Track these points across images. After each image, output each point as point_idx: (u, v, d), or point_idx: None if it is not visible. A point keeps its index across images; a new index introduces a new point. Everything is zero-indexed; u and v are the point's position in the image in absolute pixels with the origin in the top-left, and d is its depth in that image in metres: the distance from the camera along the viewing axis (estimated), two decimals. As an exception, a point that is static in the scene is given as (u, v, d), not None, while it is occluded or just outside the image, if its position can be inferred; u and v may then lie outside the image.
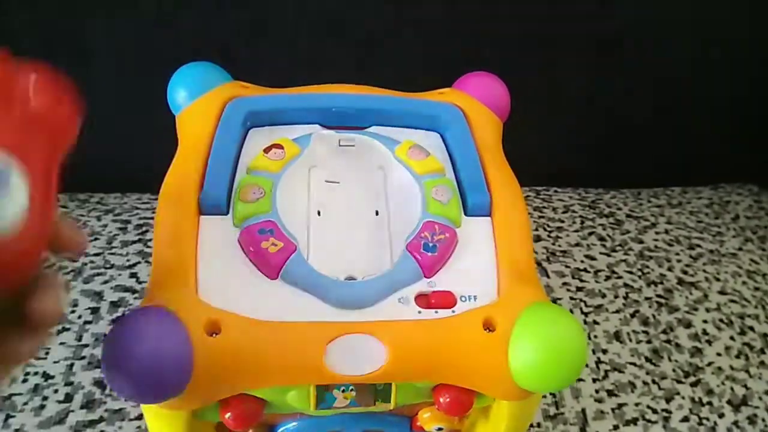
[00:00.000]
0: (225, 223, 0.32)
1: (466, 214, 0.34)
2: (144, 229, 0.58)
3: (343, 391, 0.29)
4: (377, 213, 0.35)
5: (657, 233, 0.65)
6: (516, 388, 0.29)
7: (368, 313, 0.29)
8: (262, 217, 0.32)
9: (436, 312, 0.30)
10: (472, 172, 0.36)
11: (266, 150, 0.35)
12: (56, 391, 0.45)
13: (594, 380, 0.51)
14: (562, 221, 0.65)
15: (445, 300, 0.30)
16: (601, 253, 0.61)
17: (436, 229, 0.32)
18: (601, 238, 0.63)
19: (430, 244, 0.32)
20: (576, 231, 0.63)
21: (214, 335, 0.28)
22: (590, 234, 0.63)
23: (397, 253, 0.32)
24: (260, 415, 0.30)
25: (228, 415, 0.30)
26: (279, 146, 0.35)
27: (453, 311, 0.30)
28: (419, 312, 0.30)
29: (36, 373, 0.46)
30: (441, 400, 0.31)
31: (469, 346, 0.29)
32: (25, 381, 0.45)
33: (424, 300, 0.30)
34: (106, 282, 0.52)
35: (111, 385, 0.26)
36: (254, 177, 0.34)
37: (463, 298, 0.31)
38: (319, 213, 0.35)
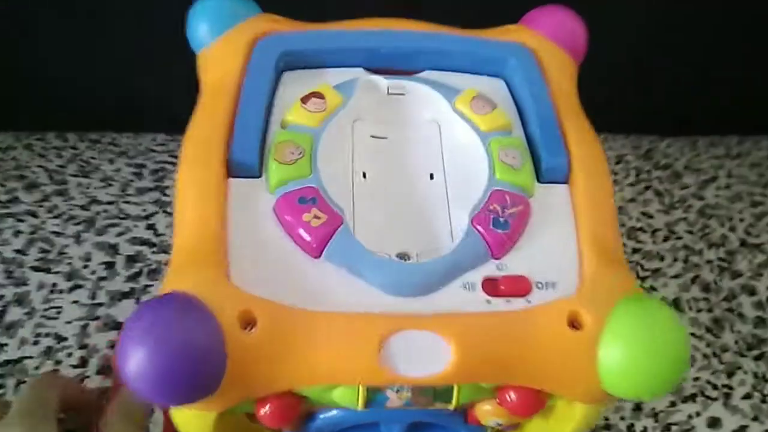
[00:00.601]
0: (258, 188, 0.27)
1: (539, 181, 0.29)
2: (161, 174, 0.53)
3: (398, 391, 0.25)
4: (432, 176, 0.30)
5: (718, 188, 0.60)
6: (602, 393, 0.25)
7: (429, 302, 0.25)
8: (302, 183, 0.27)
9: (508, 301, 0.25)
10: (546, 128, 0.30)
11: (304, 100, 0.29)
12: (70, 354, 0.42)
13: (650, 352, 0.47)
14: (616, 173, 0.59)
15: (518, 286, 0.26)
16: (658, 210, 0.56)
17: (506, 200, 0.27)
18: (659, 193, 0.58)
19: (501, 219, 0.27)
20: (631, 185, 0.58)
21: (249, 328, 0.23)
22: (646, 188, 0.58)
23: (458, 227, 0.27)
24: (299, 411, 0.26)
25: (263, 411, 0.26)
26: (319, 95, 0.30)
27: (528, 301, 0.25)
28: (488, 301, 0.25)
29: (48, 335, 0.42)
30: (507, 398, 0.26)
31: (551, 345, 0.24)
32: (36, 343, 0.42)
33: (493, 286, 0.26)
34: (121, 234, 0.48)
35: (129, 385, 0.22)
36: (291, 132, 0.28)
37: (539, 285, 0.26)
38: (364, 176, 0.30)
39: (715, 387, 0.46)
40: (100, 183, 0.52)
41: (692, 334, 0.48)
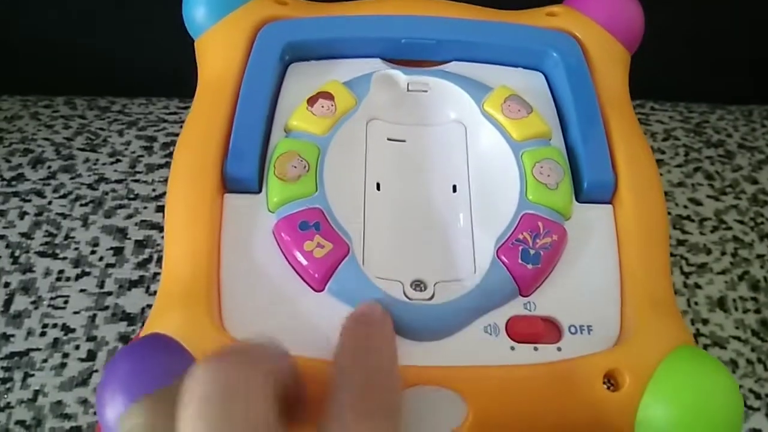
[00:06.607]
0: (257, 206, 0.24)
1: (578, 200, 0.25)
2: (171, 149, 0.51)
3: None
4: (455, 189, 0.27)
5: (774, 170, 0.54)
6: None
7: (445, 349, 0.22)
8: (305, 203, 0.24)
9: (536, 348, 0.22)
10: (590, 136, 0.26)
11: (310, 101, 0.26)
12: (78, 347, 0.40)
13: (689, 356, 0.43)
14: (663, 152, 0.54)
15: (549, 330, 0.23)
16: (708, 196, 0.51)
17: (539, 227, 0.24)
18: (709, 176, 0.53)
19: (531, 252, 0.23)
20: (679, 166, 0.53)
21: (240, 379, 0.21)
22: (696, 170, 0.53)
23: (482, 254, 0.24)
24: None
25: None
26: (327, 95, 0.26)
27: (558, 348, 0.22)
28: (512, 348, 0.22)
29: (55, 326, 0.41)
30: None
31: (581, 407, 0.21)
32: (43, 335, 0.40)
33: (519, 328, 0.23)
34: (130, 216, 0.46)
35: None
36: (295, 141, 0.25)
37: (573, 329, 0.23)
38: (378, 186, 0.26)
39: (758, 396, 0.42)
40: (108, 158, 0.49)
41: (737, 338, 0.44)
